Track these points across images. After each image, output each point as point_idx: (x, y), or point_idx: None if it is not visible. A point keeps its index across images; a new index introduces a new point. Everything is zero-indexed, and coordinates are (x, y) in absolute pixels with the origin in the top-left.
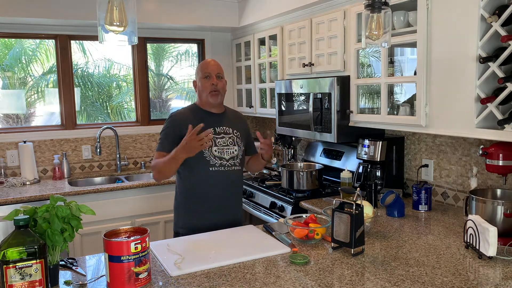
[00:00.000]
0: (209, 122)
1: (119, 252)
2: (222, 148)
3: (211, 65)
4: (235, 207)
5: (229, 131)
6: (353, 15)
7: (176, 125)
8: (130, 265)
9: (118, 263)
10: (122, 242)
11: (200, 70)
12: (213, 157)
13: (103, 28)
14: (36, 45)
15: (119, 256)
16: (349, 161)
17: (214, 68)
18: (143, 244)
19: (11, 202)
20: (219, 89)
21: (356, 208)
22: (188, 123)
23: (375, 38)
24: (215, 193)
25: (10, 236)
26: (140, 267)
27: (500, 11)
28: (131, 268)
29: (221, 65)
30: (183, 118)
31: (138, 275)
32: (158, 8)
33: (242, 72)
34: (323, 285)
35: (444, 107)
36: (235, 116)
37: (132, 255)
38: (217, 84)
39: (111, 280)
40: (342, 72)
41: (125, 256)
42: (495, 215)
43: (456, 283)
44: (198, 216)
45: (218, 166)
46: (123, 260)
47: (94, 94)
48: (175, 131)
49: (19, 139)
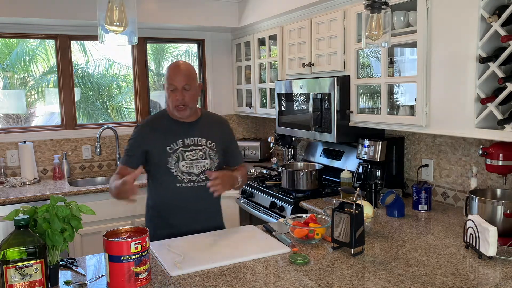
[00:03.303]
0: (177, 133)
1: (119, 252)
2: (191, 163)
3: (178, 77)
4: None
5: (200, 142)
6: (353, 15)
7: (142, 137)
8: (130, 265)
9: (118, 263)
10: (122, 242)
11: (166, 79)
12: (181, 173)
13: (103, 28)
14: (36, 46)
15: (119, 256)
16: (349, 161)
17: (181, 80)
18: (143, 244)
19: (11, 202)
20: (187, 102)
21: (356, 208)
22: (156, 134)
23: (375, 38)
24: (183, 211)
25: (10, 236)
26: (140, 267)
27: (500, 11)
28: (131, 268)
29: (192, 70)
30: (150, 130)
31: (138, 275)
32: (158, 8)
33: (242, 72)
34: (323, 285)
35: (444, 107)
36: (212, 122)
37: (132, 255)
38: (184, 97)
39: (111, 280)
40: (342, 72)
41: (125, 256)
42: (495, 215)
43: (456, 283)
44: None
45: (186, 182)
46: (123, 260)
47: (94, 94)
48: (140, 144)
49: (19, 139)
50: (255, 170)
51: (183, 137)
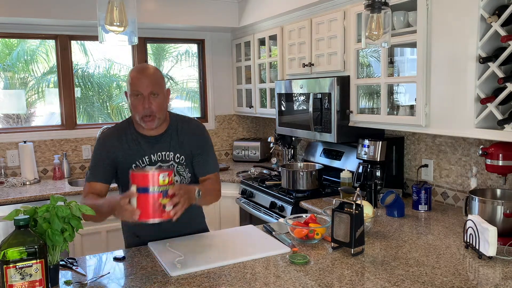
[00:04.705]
0: (143, 148)
1: (148, 184)
2: None
3: (143, 82)
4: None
5: (168, 158)
6: (353, 15)
7: (106, 150)
8: (158, 196)
9: (147, 193)
10: (151, 173)
11: (130, 84)
12: None
13: (103, 28)
14: (36, 46)
15: (147, 187)
16: (349, 161)
17: (147, 85)
18: (170, 177)
19: (11, 202)
20: (154, 112)
21: (356, 208)
22: (121, 149)
23: (375, 38)
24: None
25: (10, 236)
26: (167, 199)
27: (500, 11)
28: (159, 200)
29: (159, 74)
30: (112, 144)
31: (165, 207)
32: (158, 8)
33: (242, 72)
34: (323, 285)
35: (444, 107)
36: (182, 131)
37: (160, 186)
38: (151, 106)
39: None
40: (342, 72)
41: (153, 187)
42: (495, 215)
43: (456, 283)
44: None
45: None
46: (152, 191)
47: (95, 94)
48: (107, 155)
49: (19, 139)
50: (255, 170)
51: (149, 153)
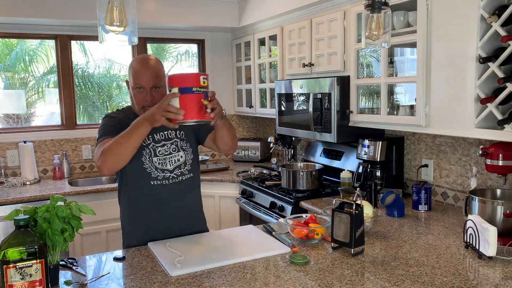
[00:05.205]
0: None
1: (191, 83)
2: (164, 158)
3: (146, 76)
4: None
5: (170, 136)
6: (353, 15)
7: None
8: (200, 96)
9: (191, 93)
10: (193, 74)
11: (132, 77)
12: (155, 169)
13: (103, 28)
14: (36, 46)
15: (191, 87)
16: (349, 161)
17: (149, 79)
18: (208, 81)
19: (11, 202)
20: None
21: (356, 208)
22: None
23: (375, 38)
24: (159, 212)
25: (10, 236)
26: (207, 101)
27: (500, 11)
28: (201, 100)
29: (161, 66)
30: (119, 119)
31: (206, 108)
32: (158, 8)
33: (242, 72)
34: (323, 285)
35: (444, 107)
36: None
37: (201, 87)
38: (153, 99)
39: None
40: (342, 72)
41: (196, 87)
42: (495, 215)
43: (456, 283)
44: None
45: (161, 179)
46: (195, 91)
47: (95, 94)
48: (116, 124)
49: (20, 139)
50: (255, 170)
51: (152, 133)
